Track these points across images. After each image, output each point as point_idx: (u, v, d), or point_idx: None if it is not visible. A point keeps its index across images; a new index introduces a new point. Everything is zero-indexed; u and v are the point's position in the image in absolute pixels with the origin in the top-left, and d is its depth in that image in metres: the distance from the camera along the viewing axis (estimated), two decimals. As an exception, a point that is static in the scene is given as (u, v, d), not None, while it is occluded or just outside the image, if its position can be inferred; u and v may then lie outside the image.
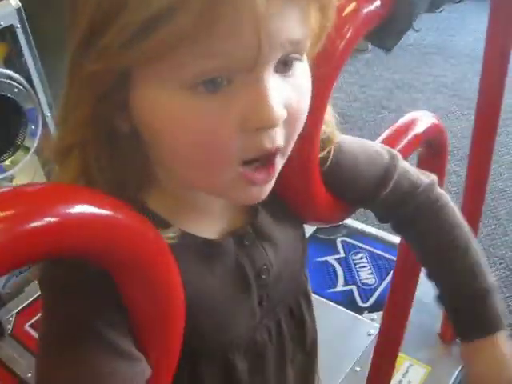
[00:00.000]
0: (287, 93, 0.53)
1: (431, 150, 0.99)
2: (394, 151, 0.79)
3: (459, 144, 2.66)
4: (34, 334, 1.76)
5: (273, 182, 0.57)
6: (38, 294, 1.84)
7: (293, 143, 0.57)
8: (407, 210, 0.77)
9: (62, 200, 0.40)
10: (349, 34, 0.67)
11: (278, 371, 0.74)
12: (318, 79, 0.66)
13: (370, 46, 3.59)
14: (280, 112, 0.51)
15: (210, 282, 0.63)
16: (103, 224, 0.43)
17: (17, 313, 1.83)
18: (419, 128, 0.90)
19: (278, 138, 0.53)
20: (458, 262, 0.77)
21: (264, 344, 0.71)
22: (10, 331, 1.77)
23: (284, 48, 0.51)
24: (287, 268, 0.71)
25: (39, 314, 1.65)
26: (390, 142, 0.84)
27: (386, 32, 0.69)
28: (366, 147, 0.77)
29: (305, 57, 0.56)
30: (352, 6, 0.66)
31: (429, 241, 0.79)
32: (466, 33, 3.71)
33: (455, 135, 2.74)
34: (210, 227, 0.64)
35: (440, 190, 0.80)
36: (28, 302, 1.84)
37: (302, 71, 0.55)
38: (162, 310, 0.52)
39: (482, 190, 1.48)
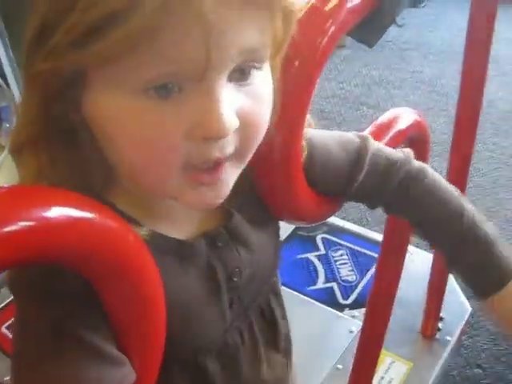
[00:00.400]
0: (242, 101, 0.52)
1: (413, 147, 0.98)
2: (365, 134, 0.78)
3: (438, 140, 2.67)
4: (11, 335, 1.73)
5: (227, 186, 0.56)
6: (15, 294, 1.81)
7: (253, 147, 0.57)
8: (391, 188, 0.76)
9: (36, 203, 0.38)
10: (331, 30, 0.66)
11: (253, 372, 0.73)
12: (299, 76, 0.66)
13: (347, 42, 3.60)
14: (230, 123, 0.50)
15: (181, 282, 0.62)
16: (80, 227, 0.41)
17: (-7, 314, 1.79)
18: (402, 125, 0.89)
19: (227, 146, 0.53)
20: (457, 223, 0.75)
21: (236, 346, 0.70)
22: (-15, 333, 1.74)
23: (237, 58, 0.50)
24: (259, 270, 0.70)
25: (16, 316, 1.59)
26: (373, 138, 0.83)
27: (368, 27, 0.68)
28: (335, 137, 0.76)
29: (265, 65, 0.55)
30: (334, 1, 0.65)
31: (423, 211, 0.77)
32: (444, 29, 3.73)
33: (433, 131, 2.74)
34: (181, 228, 0.63)
35: (418, 162, 0.79)
36: (4, 303, 1.80)
37: (260, 79, 0.55)
38: (143, 314, 0.50)
39: (462, 185, 1.48)
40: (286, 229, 2.00)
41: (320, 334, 1.71)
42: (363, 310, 1.53)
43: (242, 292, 0.68)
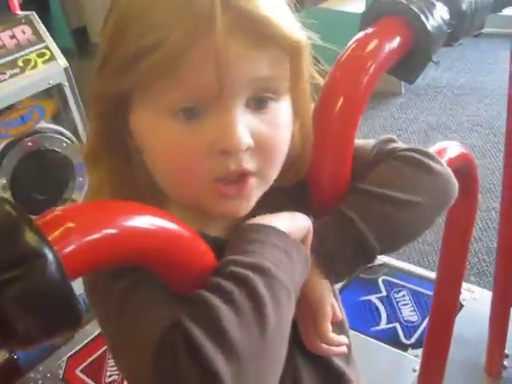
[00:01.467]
0: (259, 126, 0.61)
1: (461, 180, 1.02)
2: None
3: (497, 181, 2.67)
4: (85, 378, 1.81)
5: (250, 201, 0.64)
6: (89, 339, 1.90)
7: (274, 170, 0.65)
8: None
9: (129, 213, 0.47)
10: (372, 70, 0.72)
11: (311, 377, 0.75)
12: (344, 113, 0.72)
13: (403, 90, 3.65)
14: (243, 139, 0.59)
15: None
16: (160, 235, 0.49)
17: (68, 358, 1.88)
18: (448, 156, 0.93)
19: (246, 161, 0.61)
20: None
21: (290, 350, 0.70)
22: (61, 376, 1.83)
23: (249, 86, 0.60)
24: None
25: (90, 359, 1.70)
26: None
27: (407, 66, 0.74)
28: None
29: (284, 97, 0.64)
30: (374, 42, 0.72)
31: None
32: (499, 71, 3.72)
33: (492, 172, 2.75)
34: (216, 227, 0.68)
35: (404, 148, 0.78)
36: (79, 347, 1.89)
37: (277, 110, 0.63)
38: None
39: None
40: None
41: (384, 373, 1.72)
42: (424, 349, 1.55)
43: None
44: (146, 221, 0.49)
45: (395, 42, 0.72)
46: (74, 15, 4.80)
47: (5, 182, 1.80)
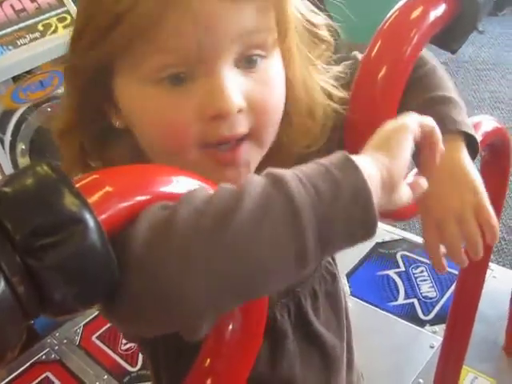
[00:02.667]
0: (250, 86, 0.58)
1: (494, 154, 1.00)
2: None
3: (518, 158, 2.63)
4: (101, 345, 1.82)
5: (247, 167, 0.61)
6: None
7: (269, 131, 0.62)
8: None
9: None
10: (415, 39, 0.69)
11: (301, 350, 0.76)
12: (387, 83, 0.70)
13: (424, 64, 3.59)
14: (235, 101, 0.56)
15: None
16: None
17: (84, 325, 1.88)
18: (481, 131, 0.91)
19: (238, 125, 0.58)
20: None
21: (283, 322, 0.73)
22: (77, 342, 1.83)
23: (234, 43, 0.56)
24: None
25: (106, 326, 1.70)
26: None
27: (450, 34, 0.71)
28: None
29: (273, 53, 0.61)
30: (418, 10, 0.69)
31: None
32: (522, 48, 3.67)
33: (515, 150, 2.71)
34: None
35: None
36: (95, 314, 1.89)
37: (267, 67, 0.60)
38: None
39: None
40: (365, 246, 2.02)
41: (401, 348, 1.71)
42: (444, 325, 1.53)
43: None
44: (184, 185, 0.47)
45: (440, 9, 0.69)
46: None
47: (23, 147, 1.78)
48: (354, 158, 0.48)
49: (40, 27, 1.79)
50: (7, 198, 0.38)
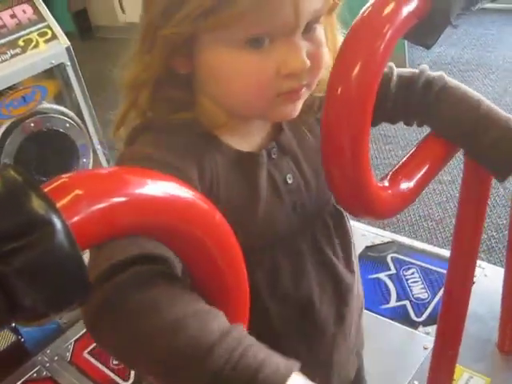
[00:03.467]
0: (309, 47, 0.71)
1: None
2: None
3: (505, 157, 2.64)
4: (93, 360, 1.80)
5: (300, 104, 0.75)
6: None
7: (317, 79, 0.75)
8: (416, 92, 0.86)
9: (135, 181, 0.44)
10: (389, 35, 0.69)
11: (318, 274, 0.86)
12: (361, 80, 0.69)
13: (408, 66, 3.60)
14: (306, 63, 0.69)
15: (252, 184, 0.78)
16: (170, 204, 0.46)
17: (75, 341, 1.87)
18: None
19: (303, 79, 0.71)
20: (475, 112, 0.84)
21: (301, 245, 0.84)
22: (68, 359, 1.82)
23: (310, 17, 0.69)
24: (314, 180, 0.84)
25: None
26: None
27: (424, 29, 0.71)
28: None
29: (321, 21, 0.73)
30: (391, 5, 0.68)
31: (446, 108, 0.85)
32: (504, 47, 3.69)
33: (500, 149, 2.71)
34: (248, 145, 0.80)
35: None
36: (86, 330, 1.88)
37: (319, 30, 0.73)
38: (225, 286, 0.54)
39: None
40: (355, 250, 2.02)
41: (395, 351, 1.70)
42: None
43: (302, 198, 0.83)
44: (157, 188, 0.46)
45: (413, 4, 0.68)
46: (74, -3, 4.75)
47: (7, 162, 1.77)
48: None
49: (21, 43, 1.78)
50: (-28, 203, 0.38)
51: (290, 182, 0.81)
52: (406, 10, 0.68)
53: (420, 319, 1.80)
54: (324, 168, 0.76)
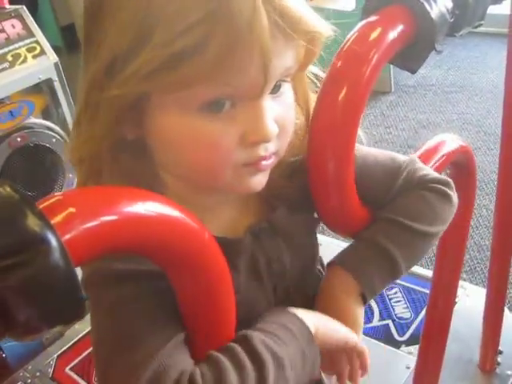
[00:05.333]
0: (277, 110, 0.63)
1: (460, 172, 1.02)
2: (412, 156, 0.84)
3: (487, 179, 2.68)
4: (75, 376, 1.79)
5: (268, 173, 0.67)
6: (78, 337, 1.88)
7: (286, 145, 0.68)
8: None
9: (127, 200, 0.45)
10: (375, 60, 0.71)
11: None
12: (347, 103, 0.71)
13: (393, 88, 3.65)
14: (273, 129, 0.62)
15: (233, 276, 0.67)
16: (161, 223, 0.47)
17: (57, 356, 1.86)
18: (447, 148, 0.93)
19: (271, 147, 0.64)
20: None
21: None
22: (50, 375, 1.80)
23: (279, 76, 0.62)
24: (300, 257, 0.77)
25: (80, 357, 1.67)
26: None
27: (409, 54, 0.73)
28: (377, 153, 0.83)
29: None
30: (377, 31, 0.70)
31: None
32: (487, 70, 3.74)
33: (483, 170, 2.75)
34: (226, 225, 0.72)
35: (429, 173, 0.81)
36: (68, 345, 1.87)
37: (287, 89, 0.66)
38: (213, 306, 0.55)
39: (510, 224, 1.50)
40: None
41: (377, 370, 1.69)
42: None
43: (285, 278, 0.75)
44: (150, 207, 0.47)
45: (398, 31, 0.70)
46: (63, 12, 4.75)
47: (3, 179, 1.77)
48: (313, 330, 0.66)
49: (9, 57, 1.79)
50: (-32, 220, 0.38)
51: (274, 266, 0.74)
52: (392, 35, 0.70)
53: (402, 338, 1.81)
54: (312, 195, 0.75)
